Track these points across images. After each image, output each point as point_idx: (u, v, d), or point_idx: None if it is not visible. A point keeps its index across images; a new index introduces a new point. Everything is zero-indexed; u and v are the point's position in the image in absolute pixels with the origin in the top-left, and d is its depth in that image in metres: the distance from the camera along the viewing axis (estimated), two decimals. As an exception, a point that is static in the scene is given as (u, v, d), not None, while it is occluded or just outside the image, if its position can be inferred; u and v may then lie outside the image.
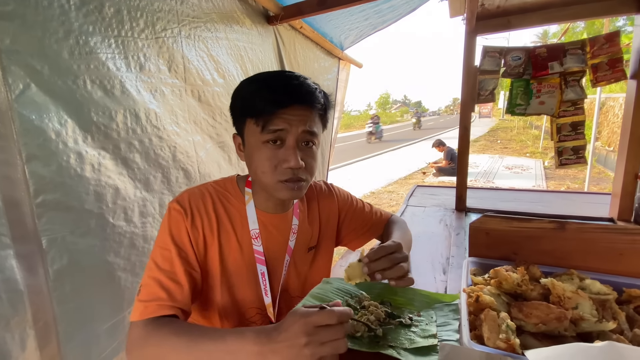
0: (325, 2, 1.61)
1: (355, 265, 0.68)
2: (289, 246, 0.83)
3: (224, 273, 0.76)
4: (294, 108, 0.70)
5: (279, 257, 0.82)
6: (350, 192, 1.04)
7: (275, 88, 0.70)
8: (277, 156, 0.71)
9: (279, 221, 0.82)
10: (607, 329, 0.54)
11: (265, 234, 0.79)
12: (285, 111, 0.69)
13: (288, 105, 0.69)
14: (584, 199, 1.76)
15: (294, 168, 0.70)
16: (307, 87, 0.72)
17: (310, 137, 0.73)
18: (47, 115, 0.80)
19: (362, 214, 1.01)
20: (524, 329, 0.56)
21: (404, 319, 0.69)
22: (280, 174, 0.71)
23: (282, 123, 0.69)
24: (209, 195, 0.78)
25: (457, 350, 0.50)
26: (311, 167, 0.76)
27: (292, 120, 0.70)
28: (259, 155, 0.72)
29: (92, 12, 0.89)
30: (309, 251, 0.88)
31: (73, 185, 0.87)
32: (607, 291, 0.63)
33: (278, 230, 0.82)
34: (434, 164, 7.88)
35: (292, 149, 0.70)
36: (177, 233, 0.72)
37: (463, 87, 1.41)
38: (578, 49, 1.26)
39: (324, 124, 0.80)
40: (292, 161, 0.69)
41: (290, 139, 0.70)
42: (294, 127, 0.70)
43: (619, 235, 0.72)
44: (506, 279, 0.63)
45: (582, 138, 1.32)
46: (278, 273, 0.81)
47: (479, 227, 0.83)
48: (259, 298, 0.78)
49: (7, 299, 0.77)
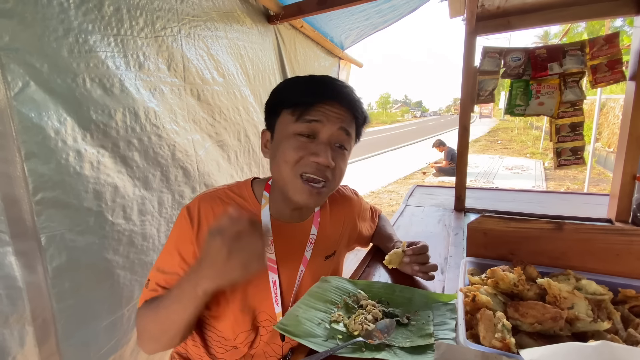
0: (326, 2, 1.61)
1: (398, 253, 0.87)
2: (305, 256, 0.81)
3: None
4: (334, 105, 0.68)
5: (293, 266, 0.80)
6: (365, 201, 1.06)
7: (319, 82, 0.70)
8: (306, 147, 0.67)
9: (294, 231, 0.80)
10: (602, 329, 0.54)
11: (278, 243, 0.77)
12: (325, 106, 0.67)
13: (328, 99, 0.68)
14: (582, 200, 1.76)
15: (322, 164, 0.67)
16: (350, 91, 0.71)
17: (345, 137, 0.71)
18: (47, 113, 0.81)
19: (369, 225, 1.05)
20: (519, 329, 0.57)
21: (401, 318, 0.69)
22: (303, 166, 0.67)
23: (319, 115, 0.67)
24: (220, 202, 0.75)
25: (452, 349, 0.50)
26: (340, 172, 0.73)
27: (330, 115, 0.68)
28: (286, 144, 0.68)
29: (92, 10, 0.89)
30: (327, 259, 0.87)
31: (72, 183, 0.87)
32: (603, 291, 0.63)
33: (293, 239, 0.80)
34: (435, 164, 7.88)
35: (324, 144, 0.68)
36: (182, 242, 0.71)
37: (463, 87, 1.41)
38: (577, 50, 1.26)
39: (358, 137, 0.78)
40: (322, 156, 0.66)
41: (324, 134, 0.68)
42: (330, 122, 0.68)
43: (616, 236, 0.73)
44: (503, 278, 0.63)
45: (581, 139, 1.32)
46: (291, 283, 0.79)
47: (476, 227, 0.83)
48: (269, 306, 0.77)
49: (6, 295, 0.77)
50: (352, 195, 0.97)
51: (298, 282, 0.80)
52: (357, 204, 0.97)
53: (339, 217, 0.90)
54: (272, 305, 0.76)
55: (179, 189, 1.23)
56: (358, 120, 0.74)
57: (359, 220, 0.99)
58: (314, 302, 0.72)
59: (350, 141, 0.74)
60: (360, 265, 0.98)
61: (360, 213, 0.99)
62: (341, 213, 0.91)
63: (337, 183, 0.74)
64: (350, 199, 0.95)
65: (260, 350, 0.78)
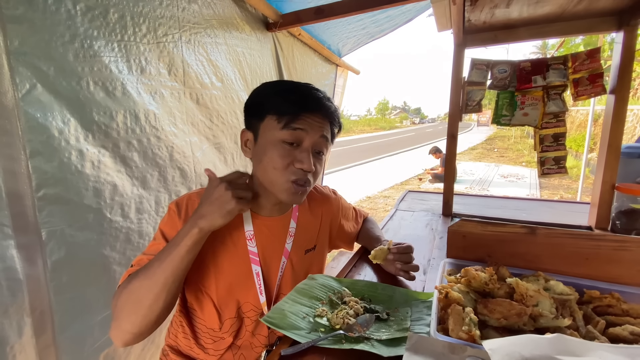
0: (323, 11, 1.67)
1: (383, 250, 0.93)
2: (286, 248, 0.86)
3: (218, 270, 0.80)
4: (317, 115, 0.76)
5: (275, 258, 0.85)
6: (347, 202, 1.11)
7: (304, 94, 0.77)
8: (292, 155, 0.75)
9: (274, 224, 0.86)
10: (563, 325, 0.59)
11: (259, 236, 0.83)
12: (309, 116, 0.75)
13: (312, 110, 0.75)
14: (568, 208, 1.81)
15: (306, 170, 0.75)
16: (328, 102, 0.79)
17: (324, 144, 0.79)
18: (51, 113, 0.85)
19: (353, 225, 1.10)
20: (487, 324, 0.61)
21: (381, 314, 0.73)
22: (291, 173, 0.75)
23: (304, 124, 0.74)
24: None
25: (423, 340, 0.55)
26: (317, 175, 0.81)
27: (313, 124, 0.75)
28: (273, 151, 0.75)
29: (97, 17, 0.94)
30: (307, 253, 0.92)
31: (73, 180, 0.91)
32: (569, 292, 0.68)
33: (273, 232, 0.85)
34: (430, 171, 7.95)
35: (307, 151, 0.76)
36: (168, 230, 0.76)
37: (451, 97, 1.47)
38: (560, 64, 1.32)
39: (332, 141, 0.86)
40: (306, 163, 0.74)
41: (307, 142, 0.76)
42: (313, 131, 0.75)
43: (585, 240, 0.77)
44: (475, 277, 0.67)
45: (563, 149, 1.38)
46: (274, 274, 0.85)
47: (456, 231, 0.87)
48: (254, 296, 0.82)
49: (7, 287, 0.80)
50: (330, 193, 1.04)
51: (281, 273, 0.86)
52: (335, 201, 1.03)
53: (317, 213, 0.96)
54: (257, 295, 0.82)
55: (176, 189, 1.27)
56: (334, 128, 0.83)
57: (341, 217, 1.04)
58: (300, 298, 0.76)
59: (328, 146, 0.82)
60: (347, 265, 1.03)
61: (341, 210, 1.04)
62: (319, 209, 0.97)
63: (314, 183, 0.83)
64: (328, 197, 1.01)
65: (246, 341, 0.83)
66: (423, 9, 2.09)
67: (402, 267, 0.90)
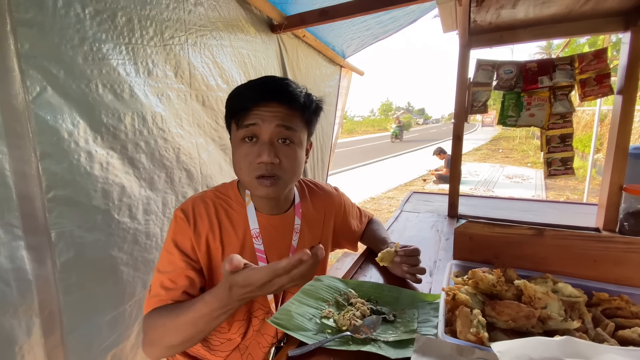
0: (328, 13, 1.67)
1: (390, 252, 0.92)
2: (292, 245, 0.87)
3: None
4: (270, 105, 0.73)
5: (282, 255, 0.84)
6: (351, 201, 1.11)
7: (253, 88, 0.74)
8: (252, 152, 0.73)
9: (278, 222, 0.86)
10: (572, 328, 0.58)
11: (265, 234, 0.83)
12: (260, 108, 0.72)
13: (262, 101, 0.72)
14: (575, 209, 1.80)
15: (266, 163, 0.72)
16: (285, 87, 0.74)
17: (286, 133, 0.74)
18: (61, 116, 0.86)
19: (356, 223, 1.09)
20: (495, 326, 0.61)
21: (388, 316, 0.73)
22: (254, 170, 0.73)
23: (255, 118, 0.72)
24: (212, 203, 0.82)
25: (430, 342, 0.55)
26: (290, 166, 0.76)
27: (266, 116, 0.72)
28: (237, 153, 0.75)
29: (106, 20, 0.95)
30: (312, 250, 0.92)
31: (82, 182, 0.92)
32: (578, 294, 0.67)
33: (278, 230, 0.85)
34: (435, 172, 7.92)
35: (265, 144, 0.73)
36: (181, 239, 0.77)
37: (457, 98, 1.46)
38: (567, 65, 1.31)
39: (308, 126, 0.81)
40: (264, 155, 0.71)
41: (264, 135, 0.73)
42: (267, 122, 0.72)
43: (593, 242, 0.77)
44: (482, 279, 0.67)
45: (570, 150, 1.37)
46: None
47: (463, 232, 0.87)
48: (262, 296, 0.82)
49: (17, 287, 0.81)
50: (332, 190, 1.04)
51: None
52: (337, 197, 1.02)
53: (320, 209, 0.96)
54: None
55: (183, 190, 1.28)
56: (300, 111, 0.76)
57: (344, 214, 1.04)
58: (307, 299, 0.76)
59: (295, 134, 0.76)
60: (352, 266, 1.03)
61: (345, 207, 1.04)
62: (322, 205, 0.97)
63: (290, 175, 0.78)
64: (330, 193, 1.01)
65: (253, 340, 0.83)
66: (427, 9, 2.09)
67: (408, 270, 0.90)
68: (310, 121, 0.81)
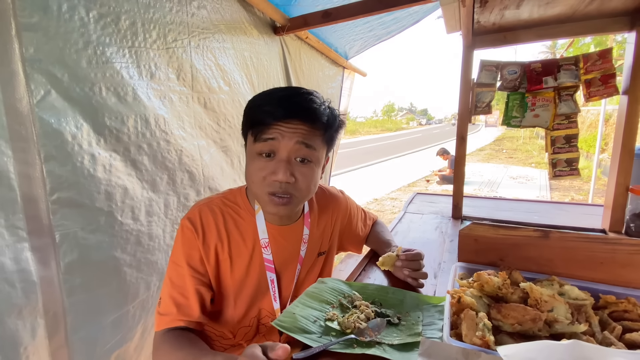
0: (330, 15, 1.67)
1: (392, 257, 0.92)
2: (300, 255, 0.86)
3: (235, 282, 0.80)
4: (291, 122, 0.69)
5: (290, 265, 0.85)
6: (356, 204, 1.10)
7: (275, 101, 0.70)
8: (267, 167, 0.70)
9: (287, 232, 0.85)
10: (579, 331, 0.57)
11: (274, 244, 0.82)
12: (281, 123, 0.69)
13: (284, 118, 0.69)
14: (581, 211, 1.78)
15: (281, 182, 0.70)
16: (308, 103, 0.71)
17: (305, 151, 0.71)
18: (65, 119, 0.86)
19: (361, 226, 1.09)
20: (501, 329, 0.60)
21: (392, 319, 0.73)
22: (268, 186, 0.71)
23: (274, 133, 0.69)
24: (220, 212, 0.80)
25: (436, 345, 0.54)
26: (305, 185, 0.73)
27: (286, 132, 0.69)
28: (251, 165, 0.73)
29: (109, 24, 0.95)
30: (319, 256, 0.92)
31: (86, 184, 0.92)
32: (585, 297, 0.67)
33: (287, 240, 0.85)
34: (438, 172, 7.89)
35: (282, 161, 0.70)
36: (190, 252, 0.76)
37: (460, 99, 1.46)
38: (572, 65, 1.30)
39: (329, 143, 0.78)
40: (280, 174, 0.69)
41: (282, 152, 0.70)
42: (286, 138, 0.69)
43: (600, 244, 0.76)
44: (487, 282, 0.66)
45: (575, 150, 1.35)
46: (289, 280, 0.85)
47: (468, 234, 0.87)
48: (269, 303, 0.83)
49: (21, 288, 0.81)
50: (339, 193, 1.02)
51: (296, 280, 0.85)
52: (343, 201, 1.01)
53: (327, 214, 0.95)
54: (271, 302, 0.82)
55: (184, 192, 1.28)
56: (322, 129, 0.73)
57: (350, 217, 1.03)
58: (311, 302, 0.76)
59: (314, 153, 0.73)
60: (356, 268, 1.02)
61: (350, 210, 1.03)
62: (328, 210, 0.96)
63: (304, 194, 0.75)
64: (335, 197, 1.00)
65: None
66: (430, 10, 2.09)
67: (409, 274, 0.88)
68: (332, 139, 0.78)
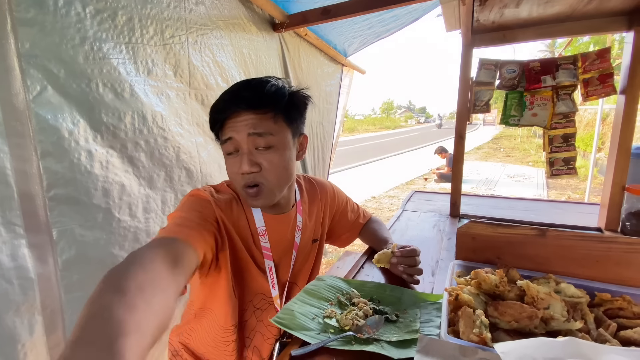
0: (330, 12, 1.66)
1: (387, 253, 0.93)
2: (295, 242, 0.89)
3: (233, 268, 0.81)
4: (240, 115, 0.71)
5: (287, 252, 0.88)
6: (346, 194, 1.12)
7: (222, 101, 0.73)
8: (235, 164, 0.74)
9: (282, 220, 0.87)
10: (574, 328, 0.58)
11: (271, 232, 0.84)
12: (232, 120, 0.71)
13: (232, 113, 0.71)
14: (577, 209, 1.79)
15: (245, 173, 0.72)
16: (249, 91, 0.71)
17: (260, 140, 0.71)
18: (62, 115, 0.86)
19: (354, 217, 1.10)
20: (498, 326, 0.61)
21: (390, 316, 0.73)
22: (240, 180, 0.74)
23: (230, 131, 0.72)
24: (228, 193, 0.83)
25: (433, 342, 0.55)
26: (273, 171, 0.74)
27: (238, 126, 0.71)
28: (226, 166, 0.77)
29: (106, 20, 0.95)
30: (314, 243, 0.96)
31: (83, 180, 0.92)
32: (580, 295, 0.67)
33: (283, 228, 0.87)
34: (436, 170, 7.91)
35: (243, 155, 0.72)
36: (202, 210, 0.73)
37: (459, 97, 1.46)
38: (570, 64, 1.30)
39: (291, 122, 0.76)
40: (243, 166, 0.71)
41: (243, 146, 0.72)
42: (240, 133, 0.71)
43: (595, 243, 0.76)
44: (485, 280, 0.67)
45: (573, 150, 1.36)
46: (286, 267, 0.88)
47: (465, 232, 0.87)
48: (266, 290, 0.85)
49: (19, 285, 0.81)
50: (325, 182, 1.06)
51: (292, 266, 0.89)
52: (330, 188, 1.04)
53: (316, 202, 0.98)
54: (269, 289, 0.84)
55: (182, 189, 1.28)
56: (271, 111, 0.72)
57: (340, 203, 1.06)
58: (309, 299, 0.76)
59: (273, 138, 0.72)
60: (354, 266, 1.02)
61: (337, 196, 1.06)
62: (317, 198, 0.99)
63: (275, 179, 0.75)
64: (322, 184, 1.03)
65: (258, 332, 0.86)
66: (430, 8, 2.08)
67: (405, 271, 0.89)
68: (292, 117, 0.76)
